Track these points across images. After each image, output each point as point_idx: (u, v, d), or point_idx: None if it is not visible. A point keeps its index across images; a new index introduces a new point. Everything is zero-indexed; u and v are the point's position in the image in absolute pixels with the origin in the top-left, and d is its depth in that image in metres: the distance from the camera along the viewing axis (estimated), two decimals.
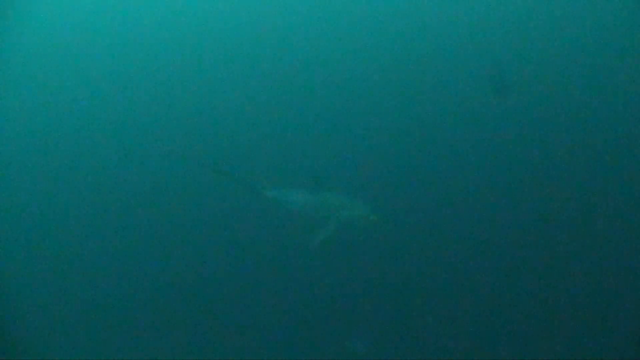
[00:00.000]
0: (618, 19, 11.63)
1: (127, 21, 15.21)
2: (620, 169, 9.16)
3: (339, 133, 10.98)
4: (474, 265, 8.13)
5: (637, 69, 10.77)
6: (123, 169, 10.89)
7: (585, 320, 7.32)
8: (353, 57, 12.86)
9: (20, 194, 10.56)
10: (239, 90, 12.61)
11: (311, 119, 11.50)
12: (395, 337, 7.48)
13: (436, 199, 9.23)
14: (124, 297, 8.52)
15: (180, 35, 14.45)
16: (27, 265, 9.23)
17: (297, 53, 13.36)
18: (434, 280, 8.02)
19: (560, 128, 10.04)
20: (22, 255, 9.44)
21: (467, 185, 9.37)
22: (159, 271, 8.81)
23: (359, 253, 8.34)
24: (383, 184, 9.52)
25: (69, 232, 9.78)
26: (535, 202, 8.91)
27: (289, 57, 13.29)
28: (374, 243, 8.35)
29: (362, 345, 7.28)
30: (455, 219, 8.83)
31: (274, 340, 7.69)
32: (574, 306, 7.44)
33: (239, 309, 8.14)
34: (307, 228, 7.70)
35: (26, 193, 10.56)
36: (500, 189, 9.22)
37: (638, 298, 7.53)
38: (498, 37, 12.00)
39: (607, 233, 8.12)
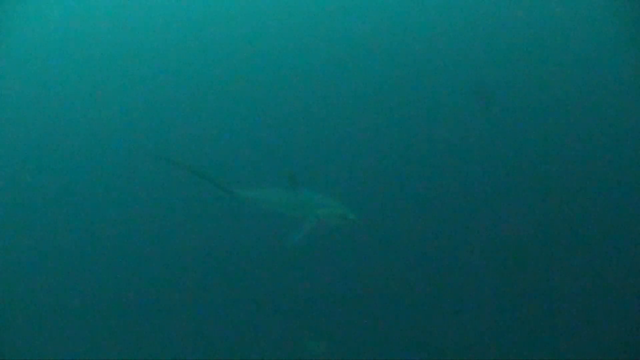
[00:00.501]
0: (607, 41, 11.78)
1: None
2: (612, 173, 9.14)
3: (316, 131, 10.97)
4: (451, 265, 8.02)
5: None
6: (96, 169, 10.90)
7: (583, 320, 7.19)
8: (334, 57, 13.06)
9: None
10: (214, 89, 12.77)
11: (286, 118, 11.54)
12: (370, 338, 7.31)
13: (414, 198, 9.22)
14: (97, 297, 8.38)
15: (152, 36, 14.69)
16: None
17: (274, 53, 13.61)
18: (409, 280, 7.86)
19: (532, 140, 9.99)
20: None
21: (446, 186, 9.34)
22: (132, 271, 8.67)
23: (335, 252, 8.23)
24: (360, 182, 9.44)
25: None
26: (510, 202, 8.90)
27: (264, 57, 13.53)
28: (351, 242, 8.20)
29: (322, 345, 6.97)
30: (433, 219, 8.76)
31: (240, 338, 7.52)
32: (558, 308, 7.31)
33: (211, 307, 7.95)
34: (283, 227, 7.50)
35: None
36: (479, 190, 9.28)
37: (638, 298, 7.20)
38: (478, 44, 12.20)
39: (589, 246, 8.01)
